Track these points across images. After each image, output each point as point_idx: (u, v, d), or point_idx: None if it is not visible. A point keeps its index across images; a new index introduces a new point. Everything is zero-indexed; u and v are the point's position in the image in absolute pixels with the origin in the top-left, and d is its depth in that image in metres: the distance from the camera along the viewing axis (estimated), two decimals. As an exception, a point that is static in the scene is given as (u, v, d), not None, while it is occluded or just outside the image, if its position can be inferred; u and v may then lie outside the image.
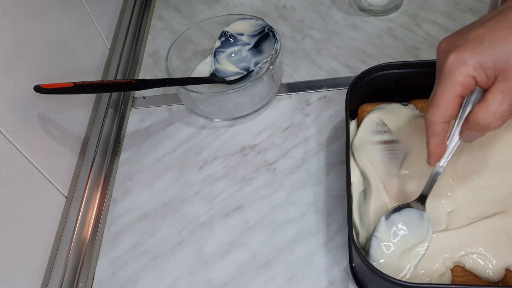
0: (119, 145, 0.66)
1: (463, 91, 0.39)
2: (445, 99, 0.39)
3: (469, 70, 0.38)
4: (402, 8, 0.75)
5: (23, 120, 0.52)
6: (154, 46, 0.78)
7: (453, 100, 0.39)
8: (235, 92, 0.60)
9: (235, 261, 0.53)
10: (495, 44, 0.38)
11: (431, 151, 0.42)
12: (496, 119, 0.38)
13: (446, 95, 0.39)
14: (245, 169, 0.60)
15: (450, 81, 0.39)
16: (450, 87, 0.39)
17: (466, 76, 0.38)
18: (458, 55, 0.39)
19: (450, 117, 0.40)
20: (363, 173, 0.51)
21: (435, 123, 0.40)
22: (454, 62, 0.39)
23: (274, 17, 0.78)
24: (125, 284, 0.53)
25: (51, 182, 0.56)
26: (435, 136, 0.41)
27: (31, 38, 0.55)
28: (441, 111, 0.40)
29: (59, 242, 0.56)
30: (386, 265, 0.44)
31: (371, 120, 0.54)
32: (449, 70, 0.39)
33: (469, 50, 0.38)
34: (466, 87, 0.39)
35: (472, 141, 0.42)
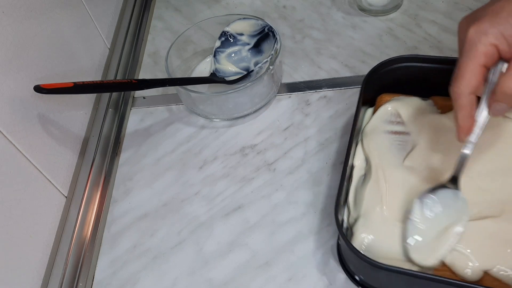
0: (119, 145, 0.66)
1: (486, 61, 0.40)
2: (468, 70, 0.40)
3: (490, 39, 0.39)
4: (402, 8, 0.75)
5: (23, 120, 0.52)
6: (154, 46, 0.78)
7: (476, 71, 0.40)
8: (235, 92, 0.60)
9: (235, 261, 0.53)
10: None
11: (460, 125, 0.42)
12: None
13: (470, 65, 0.40)
14: (245, 169, 0.60)
15: (473, 52, 0.39)
16: (473, 58, 0.39)
17: (487, 45, 0.39)
18: (478, 27, 0.39)
19: (475, 88, 0.40)
20: (367, 158, 0.52)
21: (461, 94, 0.40)
22: (475, 33, 0.39)
23: (274, 17, 0.78)
24: (125, 284, 0.53)
25: (51, 182, 0.56)
26: (463, 109, 0.41)
27: (31, 38, 0.55)
28: (466, 82, 0.40)
29: (59, 242, 0.56)
30: (422, 248, 0.44)
31: (387, 109, 0.55)
32: (470, 42, 0.40)
33: (488, 21, 0.39)
34: (488, 57, 0.39)
35: (501, 114, 0.42)
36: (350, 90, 0.66)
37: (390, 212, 0.48)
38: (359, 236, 0.46)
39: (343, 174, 0.47)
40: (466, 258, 0.44)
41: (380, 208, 0.48)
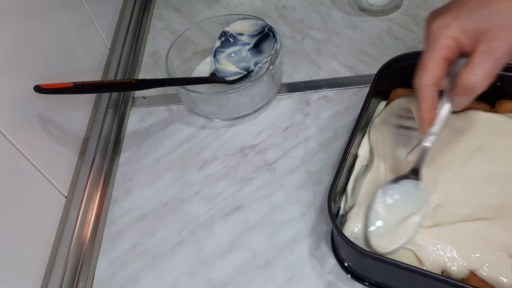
0: (119, 145, 0.66)
1: (448, 53, 0.41)
2: (431, 62, 0.41)
3: (452, 32, 0.40)
4: (402, 8, 0.75)
5: (23, 120, 0.52)
6: (154, 46, 0.78)
7: (438, 63, 0.41)
8: (235, 92, 0.60)
9: (235, 261, 0.53)
10: (475, 7, 0.40)
11: (423, 117, 0.43)
12: (480, 79, 0.40)
13: (432, 58, 0.41)
14: (245, 169, 0.60)
15: (435, 45, 0.41)
16: (435, 50, 0.41)
17: (449, 38, 0.40)
18: (441, 20, 0.41)
19: (437, 79, 0.41)
20: (371, 149, 0.53)
21: (423, 86, 0.42)
22: (438, 26, 0.41)
23: (274, 17, 0.78)
24: (125, 284, 0.53)
25: (51, 182, 0.56)
26: (425, 100, 0.42)
27: (31, 38, 0.55)
28: (428, 74, 0.41)
29: (59, 242, 0.56)
30: (382, 236, 0.45)
31: (399, 104, 0.55)
32: (434, 35, 0.41)
33: (451, 14, 0.40)
34: (450, 49, 0.41)
35: (461, 107, 0.43)
36: (350, 90, 0.66)
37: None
38: (351, 223, 0.47)
39: (342, 159, 0.48)
40: (452, 260, 0.44)
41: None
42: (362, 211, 0.48)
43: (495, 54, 0.39)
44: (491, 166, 0.49)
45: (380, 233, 0.45)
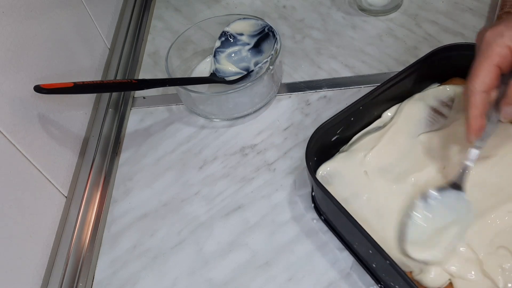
0: (119, 145, 0.66)
1: (500, 61, 0.41)
2: (482, 69, 0.41)
3: (505, 40, 0.40)
4: (402, 8, 0.75)
5: (23, 120, 0.52)
6: (154, 46, 0.78)
7: (490, 69, 0.41)
8: (235, 92, 0.60)
9: (235, 261, 0.53)
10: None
11: (471, 124, 0.42)
12: None
13: (484, 64, 0.41)
14: (245, 169, 0.60)
15: (488, 52, 0.41)
16: (488, 57, 0.41)
17: (502, 46, 0.40)
18: (494, 30, 0.41)
19: (488, 86, 0.41)
20: (394, 116, 0.54)
21: (475, 92, 0.41)
22: (491, 35, 0.41)
23: (274, 17, 0.78)
24: (125, 284, 0.53)
25: (51, 182, 0.56)
26: (475, 107, 0.42)
27: (31, 38, 0.55)
28: (480, 80, 0.41)
29: (59, 242, 0.56)
30: (419, 242, 0.44)
31: (445, 89, 0.56)
32: (486, 43, 0.41)
33: (505, 25, 0.41)
34: (502, 57, 0.41)
35: (510, 118, 0.43)
36: (350, 90, 0.66)
37: (371, 163, 0.50)
38: (325, 164, 0.49)
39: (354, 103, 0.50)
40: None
41: (364, 155, 0.51)
42: (344, 158, 0.49)
43: None
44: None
45: (416, 240, 0.45)
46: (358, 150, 0.53)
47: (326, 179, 0.52)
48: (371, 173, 0.51)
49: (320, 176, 0.52)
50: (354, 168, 0.52)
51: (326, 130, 0.51)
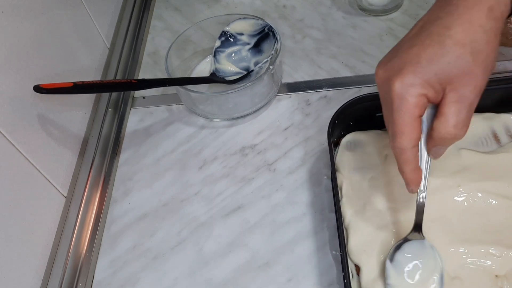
0: (119, 145, 0.65)
1: (420, 111, 0.39)
2: (406, 124, 0.39)
3: (418, 90, 0.38)
4: (402, 8, 0.75)
5: (23, 120, 0.52)
6: (154, 46, 0.78)
7: (414, 123, 0.39)
8: (235, 92, 0.60)
9: (235, 261, 0.53)
10: (432, 60, 0.38)
11: (409, 179, 0.41)
12: (459, 129, 0.39)
13: (406, 120, 0.39)
14: (245, 169, 0.60)
15: (405, 106, 0.39)
16: (407, 112, 0.39)
17: (418, 96, 0.38)
18: (402, 80, 0.39)
19: (416, 140, 0.40)
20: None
21: (405, 150, 0.40)
22: (402, 87, 0.39)
23: (274, 16, 0.78)
24: (125, 284, 0.53)
25: (50, 182, 0.56)
26: (409, 163, 0.40)
27: (31, 38, 0.55)
28: (408, 137, 0.39)
29: (58, 242, 0.56)
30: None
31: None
32: (399, 96, 0.39)
33: (411, 72, 0.39)
34: (421, 107, 0.39)
35: (440, 156, 0.42)
36: (350, 90, 0.66)
37: None
38: (354, 133, 0.54)
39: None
40: None
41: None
42: (378, 137, 0.50)
43: (466, 100, 0.38)
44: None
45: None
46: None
47: (351, 146, 0.54)
48: (390, 158, 0.51)
49: (346, 141, 0.54)
50: (379, 147, 0.52)
51: (370, 100, 0.51)
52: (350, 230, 0.48)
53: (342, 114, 0.53)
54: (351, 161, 0.53)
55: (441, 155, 0.42)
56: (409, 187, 0.42)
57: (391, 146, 0.41)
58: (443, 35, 0.39)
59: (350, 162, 0.53)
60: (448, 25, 0.39)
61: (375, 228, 0.48)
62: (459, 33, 0.38)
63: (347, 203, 0.50)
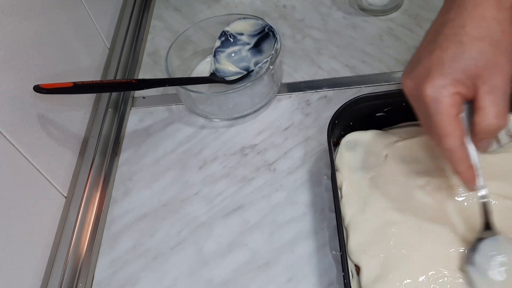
0: (119, 145, 0.65)
1: (457, 110, 0.40)
2: (448, 125, 0.39)
3: (450, 89, 0.39)
4: (402, 8, 0.75)
5: (23, 120, 0.52)
6: (154, 46, 0.78)
7: (455, 122, 0.40)
8: (235, 92, 0.60)
9: (235, 262, 0.53)
10: (455, 59, 0.39)
11: (467, 178, 0.42)
12: (500, 119, 0.39)
13: (446, 120, 0.39)
14: (245, 169, 0.60)
15: (442, 107, 0.39)
16: (446, 112, 0.39)
17: (451, 96, 0.39)
18: (433, 84, 0.39)
19: (462, 137, 0.40)
20: None
21: (455, 149, 0.40)
22: (433, 90, 0.39)
23: (274, 16, 0.78)
24: (125, 284, 0.53)
25: (50, 182, 0.56)
26: (463, 161, 0.41)
27: (31, 38, 0.55)
28: (453, 136, 0.40)
29: (58, 242, 0.56)
30: None
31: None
32: (434, 100, 0.39)
33: (438, 74, 0.39)
34: (457, 105, 0.40)
35: (488, 149, 0.42)
36: (350, 90, 0.66)
37: (397, 150, 0.51)
38: (354, 133, 0.53)
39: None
40: None
41: (395, 141, 0.52)
42: (379, 137, 0.51)
43: (499, 89, 0.39)
44: None
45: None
46: (394, 134, 0.53)
47: (351, 145, 0.54)
48: (390, 158, 0.51)
49: (346, 141, 0.54)
50: (378, 147, 0.52)
51: (370, 100, 0.51)
52: (350, 230, 0.48)
53: (342, 114, 0.53)
54: (351, 161, 0.53)
55: (488, 149, 0.42)
56: (468, 186, 0.42)
57: (440, 151, 0.41)
58: (459, 34, 0.39)
59: (350, 162, 0.53)
60: (461, 24, 0.40)
61: (375, 228, 0.48)
62: (474, 29, 0.39)
63: (347, 203, 0.50)
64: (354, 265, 0.47)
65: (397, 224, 0.47)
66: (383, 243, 0.47)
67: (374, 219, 0.48)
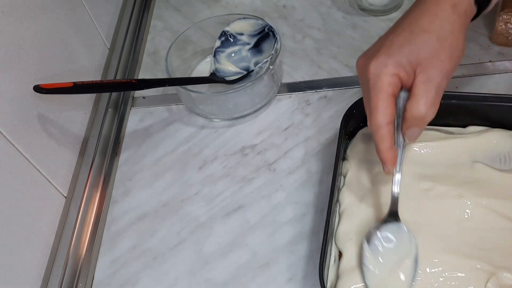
0: (119, 145, 0.65)
1: (393, 90, 0.42)
2: (380, 101, 0.42)
3: (391, 70, 0.42)
4: (402, 8, 0.75)
5: (23, 120, 0.52)
6: (154, 46, 0.78)
7: (388, 100, 0.42)
8: (235, 92, 0.60)
9: (235, 261, 0.53)
10: (403, 44, 0.42)
11: (385, 157, 0.43)
12: (428, 108, 0.42)
13: (380, 97, 0.42)
14: (245, 169, 0.60)
15: (380, 84, 0.42)
16: (381, 89, 0.42)
17: (391, 76, 0.42)
18: (377, 61, 0.42)
19: (391, 116, 0.42)
20: (477, 133, 0.53)
21: (380, 126, 0.42)
22: (376, 67, 0.42)
23: (274, 16, 0.78)
24: (125, 284, 0.53)
25: (50, 182, 0.56)
26: (384, 139, 0.43)
27: (31, 38, 0.55)
28: (382, 113, 0.42)
29: (58, 242, 0.56)
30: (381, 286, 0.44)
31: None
32: (374, 76, 0.42)
33: (384, 53, 0.43)
34: (394, 86, 0.42)
35: (415, 139, 0.44)
36: (350, 90, 0.66)
37: (410, 151, 0.51)
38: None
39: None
40: None
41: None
42: None
43: (434, 81, 0.41)
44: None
45: (378, 285, 0.44)
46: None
47: (366, 138, 0.54)
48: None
49: (363, 133, 0.55)
50: None
51: None
52: (343, 216, 0.49)
53: (362, 104, 0.52)
54: (361, 153, 0.53)
55: (416, 138, 0.44)
56: (385, 167, 0.44)
57: (368, 125, 0.43)
58: (413, 24, 0.43)
59: (360, 154, 0.53)
60: (417, 17, 0.44)
61: (367, 220, 0.48)
62: (426, 23, 0.43)
63: (347, 191, 0.51)
64: (339, 252, 0.48)
65: None
66: None
67: (369, 211, 0.49)
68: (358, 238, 0.47)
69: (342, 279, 0.45)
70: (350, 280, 0.45)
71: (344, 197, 0.51)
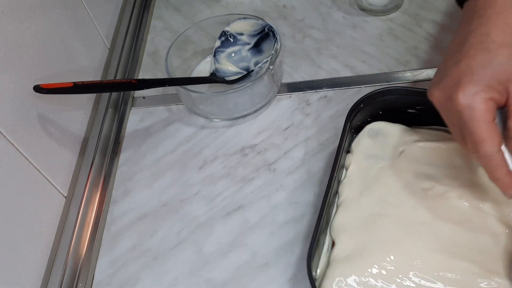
0: (119, 145, 0.65)
1: (491, 116, 0.40)
2: (484, 131, 0.39)
3: (484, 95, 0.39)
4: (402, 8, 0.75)
5: (23, 120, 0.52)
6: (154, 46, 0.78)
7: (491, 128, 0.40)
8: (235, 92, 0.60)
9: (235, 261, 0.53)
10: (484, 65, 0.39)
11: (505, 184, 0.41)
12: None
13: (483, 126, 0.39)
14: (245, 169, 0.60)
15: (477, 114, 0.39)
16: (481, 119, 0.39)
17: (486, 102, 0.39)
18: (464, 92, 0.39)
19: (499, 143, 0.40)
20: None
21: (492, 155, 0.40)
22: (466, 98, 0.39)
23: (274, 16, 0.78)
24: (124, 284, 0.53)
25: (50, 182, 0.56)
26: (500, 167, 0.41)
27: (31, 38, 0.55)
28: (490, 142, 0.40)
29: (58, 242, 0.56)
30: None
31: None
32: (467, 107, 0.39)
33: (469, 81, 0.40)
34: (491, 111, 0.40)
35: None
36: (350, 90, 0.66)
37: (413, 149, 0.51)
38: (379, 122, 0.53)
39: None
40: None
41: (416, 140, 0.52)
42: (402, 133, 0.51)
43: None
44: None
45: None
46: (419, 133, 0.52)
47: (373, 133, 0.54)
48: (405, 154, 0.51)
49: (369, 128, 0.54)
50: (398, 142, 0.52)
51: (405, 94, 0.51)
52: (341, 208, 0.49)
53: (370, 99, 0.53)
54: (366, 147, 0.53)
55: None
56: (508, 193, 0.42)
57: (478, 158, 0.41)
58: (485, 42, 0.40)
59: (365, 148, 0.53)
60: (486, 32, 0.40)
61: (364, 215, 0.48)
62: (500, 36, 0.40)
63: (347, 184, 0.51)
64: (332, 242, 0.48)
65: (386, 218, 0.47)
66: (365, 230, 0.47)
67: (367, 206, 0.49)
68: (353, 231, 0.47)
69: (331, 268, 0.46)
70: (338, 271, 0.45)
71: (344, 189, 0.51)
